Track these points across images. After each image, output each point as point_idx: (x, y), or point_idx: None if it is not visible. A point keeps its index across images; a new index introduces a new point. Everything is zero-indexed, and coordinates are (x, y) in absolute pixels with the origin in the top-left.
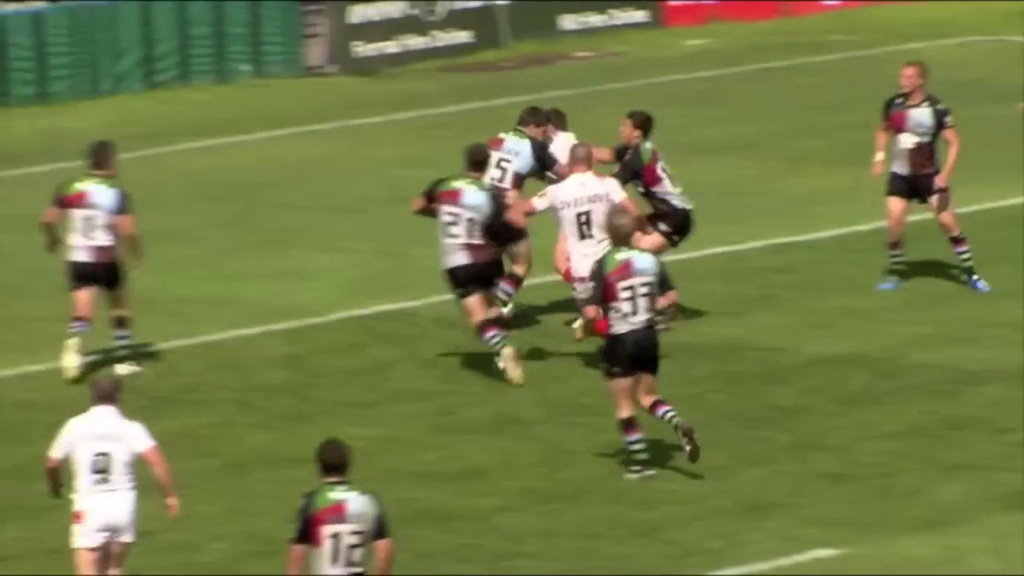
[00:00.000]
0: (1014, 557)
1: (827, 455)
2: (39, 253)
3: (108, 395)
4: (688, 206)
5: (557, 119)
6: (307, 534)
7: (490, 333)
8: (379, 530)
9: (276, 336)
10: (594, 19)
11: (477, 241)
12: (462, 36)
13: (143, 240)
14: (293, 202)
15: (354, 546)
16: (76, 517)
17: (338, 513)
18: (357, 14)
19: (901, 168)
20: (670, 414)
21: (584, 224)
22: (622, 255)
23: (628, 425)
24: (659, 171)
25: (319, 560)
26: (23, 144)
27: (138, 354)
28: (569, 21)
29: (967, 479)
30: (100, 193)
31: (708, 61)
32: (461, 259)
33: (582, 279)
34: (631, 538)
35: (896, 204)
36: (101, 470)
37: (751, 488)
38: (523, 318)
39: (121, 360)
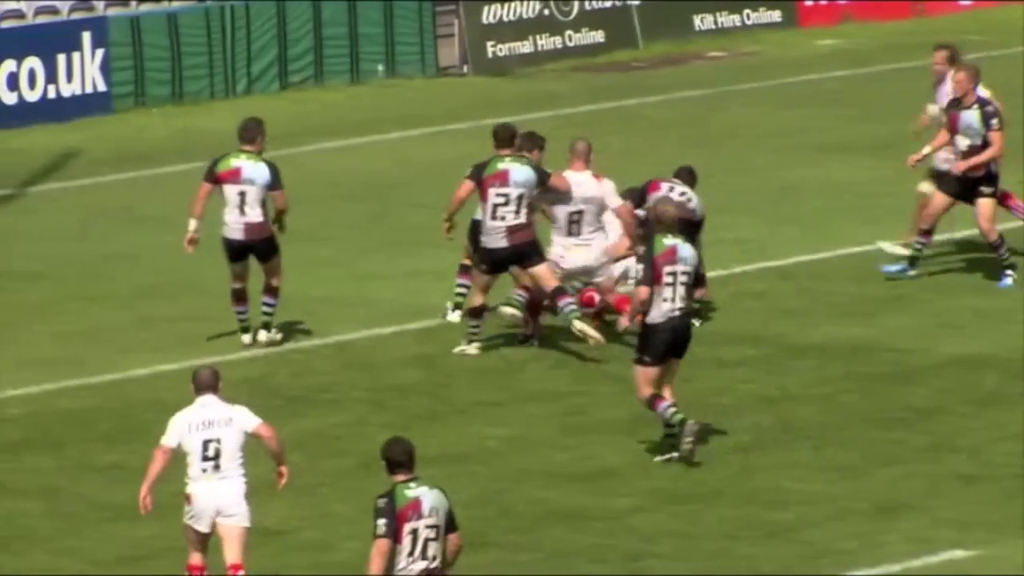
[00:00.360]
0: None
1: (961, 456)
2: (171, 253)
3: (209, 384)
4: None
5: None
6: (395, 531)
7: (564, 300)
8: (450, 524)
9: (409, 336)
10: (728, 19)
11: (523, 221)
12: (595, 36)
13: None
14: (426, 202)
15: (429, 540)
16: (187, 499)
17: (416, 509)
18: (490, 14)
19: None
20: (671, 410)
21: (575, 223)
22: (669, 240)
23: (656, 399)
24: (662, 184)
25: (398, 556)
26: (158, 144)
27: (279, 327)
28: (703, 21)
29: None
30: (253, 168)
31: (842, 61)
32: (502, 243)
33: (555, 263)
34: (764, 539)
35: (940, 199)
36: (212, 456)
37: (884, 489)
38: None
39: (265, 326)
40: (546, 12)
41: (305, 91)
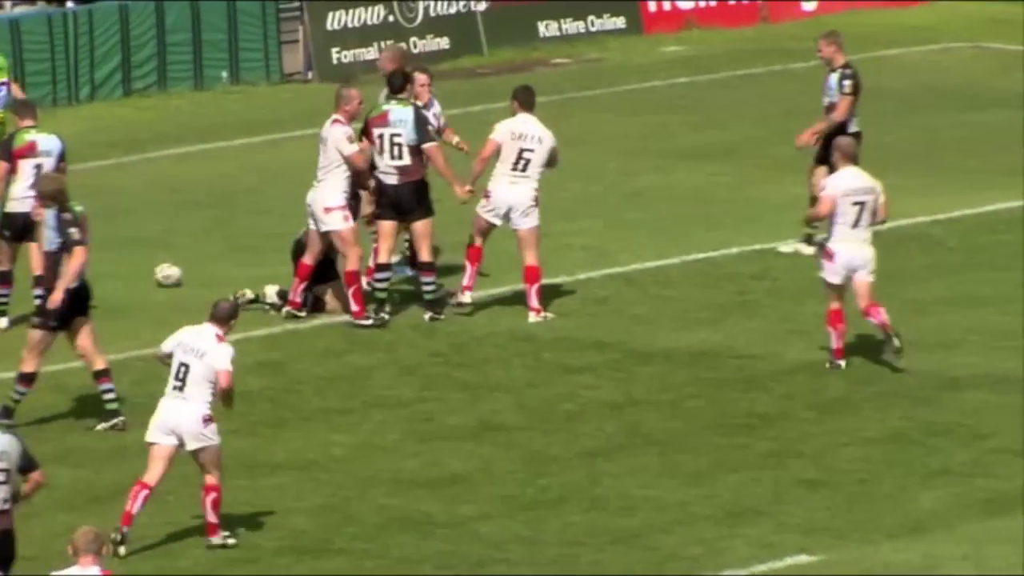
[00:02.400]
0: (992, 564)
1: (805, 462)
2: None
3: (218, 316)
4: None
5: (524, 96)
6: None
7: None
8: (27, 465)
9: (254, 342)
10: (572, 26)
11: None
12: (440, 42)
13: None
14: (272, 208)
15: (0, 483)
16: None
17: None
18: (335, 20)
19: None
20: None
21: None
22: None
23: (24, 378)
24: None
25: None
26: None
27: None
28: (547, 28)
29: (946, 485)
30: (47, 140)
31: (686, 67)
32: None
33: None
34: (611, 545)
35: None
36: (180, 379)
37: (730, 495)
38: (497, 321)
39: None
40: (391, 18)
41: (149, 97)
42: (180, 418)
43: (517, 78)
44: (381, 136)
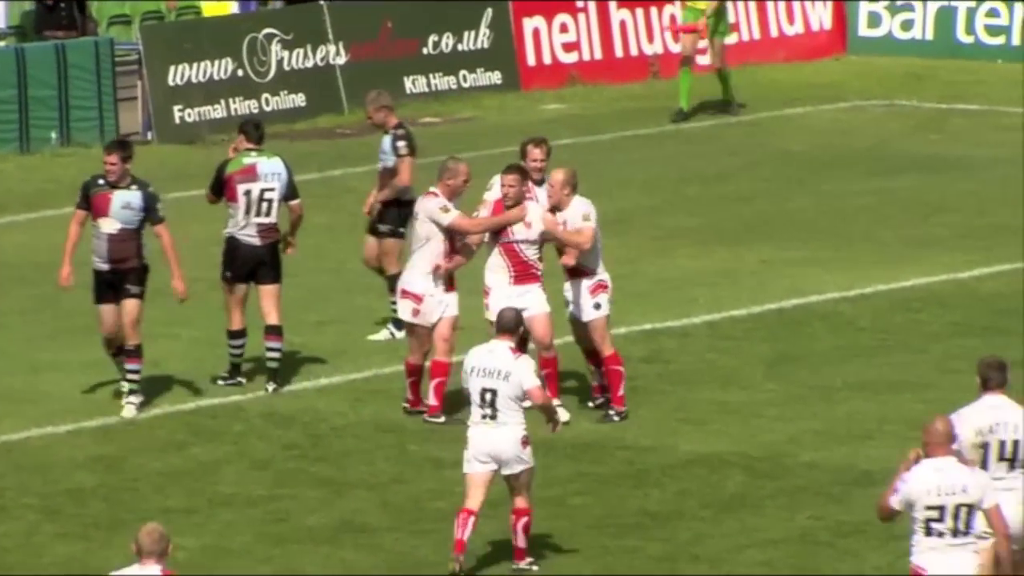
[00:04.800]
0: None
1: (702, 566)
2: None
3: (505, 327)
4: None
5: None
6: None
7: None
8: None
9: (87, 434)
10: (443, 81)
11: None
12: (296, 99)
13: None
14: None
15: None
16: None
17: None
18: (177, 75)
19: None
20: None
21: None
22: None
23: None
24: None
25: None
26: None
27: None
28: (415, 83)
29: None
30: None
31: (569, 127)
32: None
33: None
34: None
35: None
36: (488, 404)
37: None
38: (358, 410)
39: None
40: (240, 73)
41: None
42: (499, 444)
43: (380, 139)
44: (248, 192)
